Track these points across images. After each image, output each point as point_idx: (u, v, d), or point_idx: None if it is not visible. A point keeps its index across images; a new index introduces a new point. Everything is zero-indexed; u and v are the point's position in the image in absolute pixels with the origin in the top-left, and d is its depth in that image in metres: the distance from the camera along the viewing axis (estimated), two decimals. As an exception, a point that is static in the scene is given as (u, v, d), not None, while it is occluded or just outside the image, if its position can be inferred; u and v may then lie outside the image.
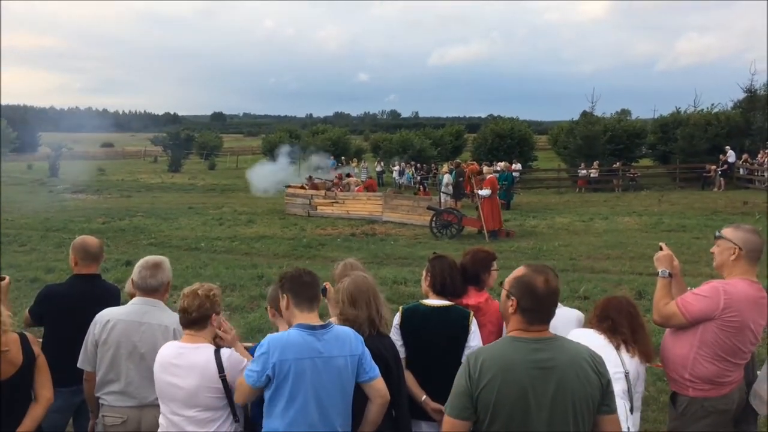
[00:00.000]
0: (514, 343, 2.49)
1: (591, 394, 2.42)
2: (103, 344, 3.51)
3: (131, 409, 3.48)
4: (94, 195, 29.78)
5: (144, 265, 3.60)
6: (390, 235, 16.90)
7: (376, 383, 3.05)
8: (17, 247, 14.44)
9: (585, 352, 2.50)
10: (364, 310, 3.29)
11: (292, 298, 3.05)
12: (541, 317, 2.49)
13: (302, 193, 22.61)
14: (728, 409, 3.42)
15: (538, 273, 2.50)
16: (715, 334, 3.31)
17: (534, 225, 18.22)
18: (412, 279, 10.24)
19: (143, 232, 17.14)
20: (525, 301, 2.49)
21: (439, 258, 3.81)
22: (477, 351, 2.61)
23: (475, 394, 2.44)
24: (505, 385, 2.40)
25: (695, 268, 10.79)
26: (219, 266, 11.93)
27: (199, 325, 3.17)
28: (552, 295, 2.49)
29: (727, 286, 3.33)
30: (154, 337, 3.47)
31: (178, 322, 3.48)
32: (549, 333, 2.52)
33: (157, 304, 3.60)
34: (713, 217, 17.94)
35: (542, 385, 2.39)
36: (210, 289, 3.24)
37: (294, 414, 2.87)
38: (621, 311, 3.48)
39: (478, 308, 3.75)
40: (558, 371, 2.40)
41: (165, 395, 3.12)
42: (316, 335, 2.93)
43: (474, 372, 2.46)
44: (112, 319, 3.52)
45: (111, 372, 3.51)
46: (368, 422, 3.10)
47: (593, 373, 2.44)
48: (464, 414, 2.48)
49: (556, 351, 2.45)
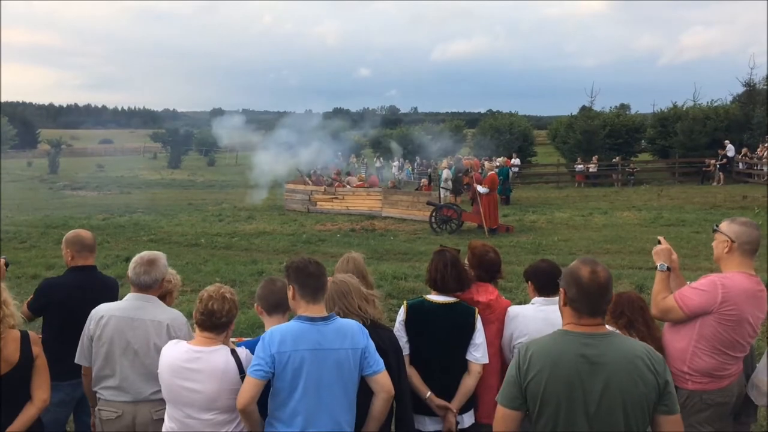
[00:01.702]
0: (565, 337, 2.49)
1: (645, 393, 2.39)
2: (98, 340, 3.50)
3: (126, 404, 3.48)
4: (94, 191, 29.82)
5: (139, 261, 3.57)
6: (390, 231, 16.91)
7: (380, 377, 3.01)
8: (17, 243, 14.47)
9: (641, 350, 2.45)
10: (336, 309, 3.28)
11: (298, 289, 3.01)
12: (589, 309, 2.46)
13: (302, 188, 22.61)
14: (727, 401, 3.44)
15: (585, 264, 2.49)
16: (713, 327, 3.32)
17: (533, 220, 18.22)
18: (412, 274, 10.26)
19: (143, 228, 17.16)
20: (571, 292, 2.48)
21: (439, 252, 3.76)
22: (528, 342, 2.60)
23: (524, 385, 2.46)
24: (553, 379, 2.41)
25: (694, 262, 10.81)
26: (219, 262, 11.96)
27: (221, 329, 3.12)
28: (599, 287, 2.44)
29: (725, 279, 3.34)
30: (147, 334, 3.45)
31: (174, 318, 3.50)
32: (603, 328, 2.49)
33: (152, 300, 3.57)
34: (712, 212, 17.94)
35: (590, 380, 2.38)
36: (232, 292, 3.21)
37: (294, 405, 2.86)
38: (634, 307, 3.54)
39: (488, 305, 3.73)
40: (608, 368, 2.38)
41: (179, 400, 3.05)
42: (316, 327, 2.91)
43: (523, 363, 2.47)
44: (105, 315, 3.51)
45: (106, 367, 3.51)
46: (373, 417, 3.07)
47: (649, 372, 2.40)
48: (514, 404, 2.50)
49: (607, 347, 2.43)
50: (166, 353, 3.14)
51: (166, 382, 3.08)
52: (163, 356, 3.14)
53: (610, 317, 3.58)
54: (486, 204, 16.17)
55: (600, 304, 2.48)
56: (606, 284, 2.46)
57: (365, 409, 3.08)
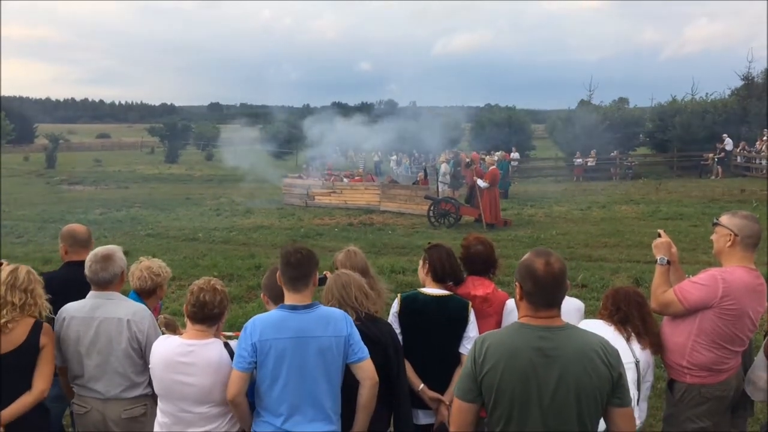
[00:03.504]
0: (521, 330, 2.48)
1: (599, 386, 2.38)
2: (63, 341, 3.46)
3: (95, 400, 3.44)
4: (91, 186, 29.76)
5: (93, 258, 3.50)
6: (388, 225, 16.90)
7: (365, 364, 3.01)
8: (14, 238, 14.44)
9: (596, 343, 2.44)
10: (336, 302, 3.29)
11: (282, 277, 3.03)
12: (545, 301, 2.45)
13: (300, 183, 22.58)
14: (725, 395, 3.43)
15: (539, 256, 2.47)
16: (713, 322, 3.31)
17: (531, 214, 18.22)
18: (411, 268, 10.26)
19: (140, 223, 17.14)
20: (527, 286, 2.46)
21: (435, 246, 3.80)
22: (484, 335, 2.59)
23: (479, 377, 2.45)
24: (508, 371, 2.39)
25: (693, 255, 10.81)
26: (217, 256, 11.95)
27: (213, 321, 3.10)
28: (553, 278, 2.42)
29: (725, 273, 3.33)
30: (108, 332, 3.40)
31: (134, 312, 3.43)
32: (560, 321, 2.48)
33: (113, 296, 3.50)
34: (711, 205, 17.94)
35: (545, 373, 2.37)
36: (222, 285, 3.19)
37: (279, 393, 2.87)
38: (630, 302, 3.52)
39: (485, 299, 3.74)
40: (562, 360, 2.37)
41: (172, 394, 3.04)
42: (298, 315, 2.92)
43: (479, 356, 2.46)
44: (67, 316, 3.46)
45: (75, 367, 3.47)
46: (361, 406, 3.06)
47: (603, 365, 2.39)
48: (469, 396, 2.49)
49: (562, 340, 2.42)
50: (158, 348, 3.12)
51: (159, 377, 3.07)
52: (155, 351, 3.12)
53: (606, 312, 3.56)
54: (486, 199, 16.13)
55: (555, 296, 2.46)
56: (560, 275, 2.44)
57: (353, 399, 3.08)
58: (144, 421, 3.47)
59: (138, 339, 3.40)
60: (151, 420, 3.40)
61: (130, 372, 3.42)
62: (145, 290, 3.77)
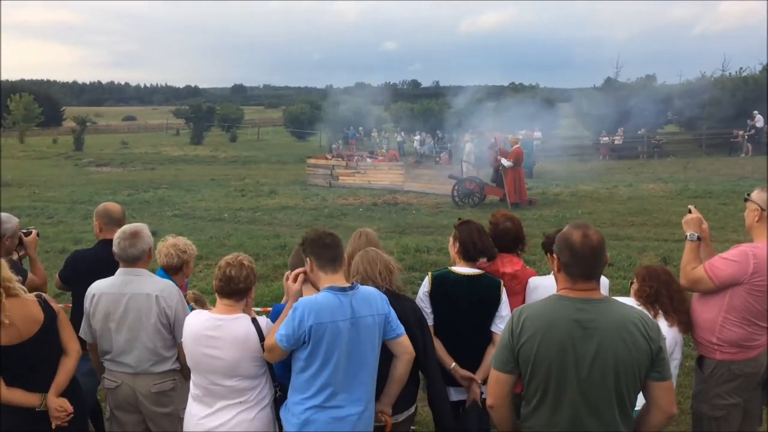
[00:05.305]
0: (559, 302, 2.48)
1: (637, 358, 2.37)
2: (93, 317, 3.53)
3: (125, 375, 3.52)
4: (119, 168, 30.11)
5: (122, 235, 3.55)
6: (412, 205, 16.89)
7: (404, 339, 3.07)
8: (45, 219, 14.69)
9: (635, 316, 2.44)
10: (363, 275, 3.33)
11: (315, 261, 3.03)
12: (582, 273, 2.43)
13: (324, 163, 22.60)
14: (756, 372, 3.39)
15: (577, 228, 2.47)
16: (743, 298, 3.27)
17: (557, 193, 18.07)
18: (435, 247, 10.27)
19: (167, 203, 17.34)
20: (564, 257, 2.46)
21: (466, 223, 3.75)
22: (522, 307, 2.60)
23: (516, 348, 2.46)
24: (545, 342, 2.40)
25: (722, 234, 10.64)
26: (242, 236, 12.07)
27: (240, 296, 3.14)
28: (592, 250, 2.41)
29: (756, 249, 3.28)
30: (138, 307, 3.46)
31: (163, 288, 3.49)
32: (598, 294, 2.47)
33: (141, 272, 3.56)
34: (740, 183, 17.60)
35: (583, 345, 2.37)
36: (251, 260, 3.23)
37: (329, 374, 2.88)
38: (660, 280, 3.52)
39: (514, 276, 3.74)
40: (600, 332, 2.37)
41: (202, 367, 3.09)
42: (348, 296, 2.94)
43: (516, 327, 2.47)
44: (96, 292, 3.53)
45: (104, 343, 3.55)
46: (395, 380, 3.11)
47: (642, 338, 2.38)
48: (506, 367, 2.50)
49: (601, 312, 2.41)
50: (190, 322, 3.18)
51: (189, 350, 3.13)
52: (187, 325, 3.18)
53: (636, 290, 3.57)
54: (510, 178, 16.03)
55: (594, 268, 2.45)
56: (599, 247, 2.43)
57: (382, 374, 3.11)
58: (173, 395, 3.54)
59: (167, 314, 3.46)
60: (180, 394, 3.48)
61: (159, 347, 3.49)
62: (173, 267, 3.82)
